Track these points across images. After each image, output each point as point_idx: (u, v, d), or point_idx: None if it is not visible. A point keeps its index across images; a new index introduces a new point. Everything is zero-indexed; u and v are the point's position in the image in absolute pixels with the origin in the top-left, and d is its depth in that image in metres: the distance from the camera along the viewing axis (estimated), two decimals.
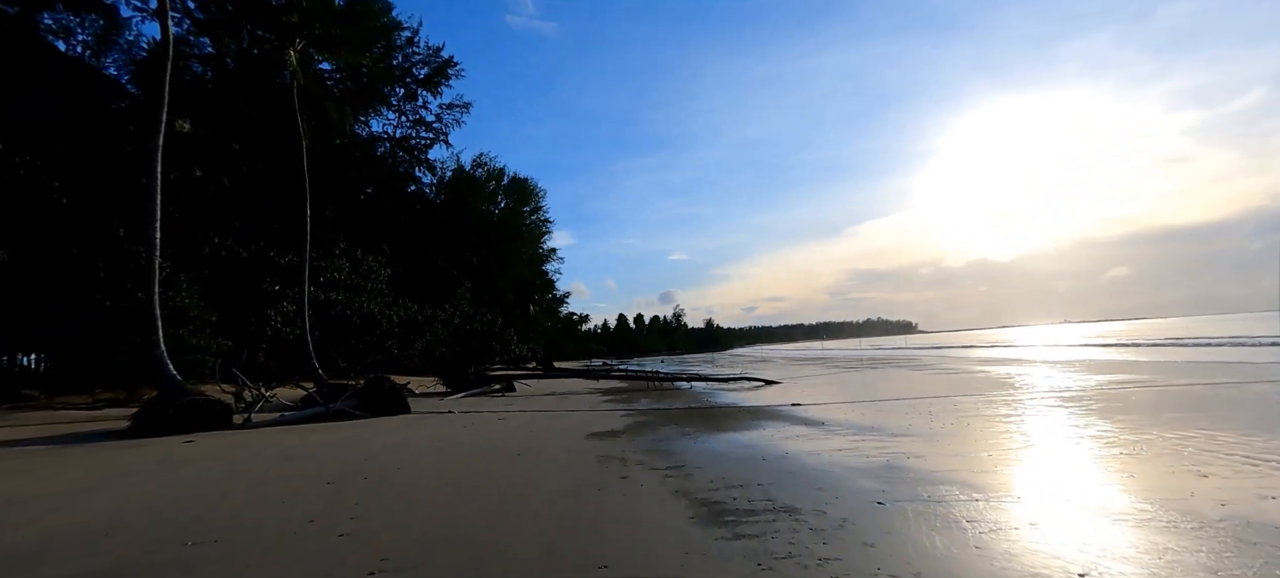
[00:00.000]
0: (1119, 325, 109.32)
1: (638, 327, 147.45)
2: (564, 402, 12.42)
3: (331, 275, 15.77)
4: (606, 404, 11.51)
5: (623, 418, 8.88)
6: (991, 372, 16.20)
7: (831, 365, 25.18)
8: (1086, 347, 31.80)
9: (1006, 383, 12.31)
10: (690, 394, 13.29)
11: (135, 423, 7.64)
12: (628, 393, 14.48)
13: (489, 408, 11.33)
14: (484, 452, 6.10)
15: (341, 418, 9.43)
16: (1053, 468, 4.54)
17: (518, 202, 44.53)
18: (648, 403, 11.44)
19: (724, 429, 7.22)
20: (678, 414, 9.15)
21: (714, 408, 9.96)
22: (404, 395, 10.19)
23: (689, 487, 4.20)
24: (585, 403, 11.93)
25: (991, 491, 3.83)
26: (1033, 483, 4.06)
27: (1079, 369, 15.44)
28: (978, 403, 9.01)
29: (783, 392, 12.77)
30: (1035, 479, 4.19)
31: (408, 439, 7.24)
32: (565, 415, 9.56)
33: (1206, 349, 23.59)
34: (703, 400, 11.51)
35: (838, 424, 7.24)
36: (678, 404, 10.87)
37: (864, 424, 7.15)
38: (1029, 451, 5.20)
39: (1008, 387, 11.45)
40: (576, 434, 7.18)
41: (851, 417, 7.95)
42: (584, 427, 7.91)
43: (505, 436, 7.36)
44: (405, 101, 27.32)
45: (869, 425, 7.03)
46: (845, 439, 6.07)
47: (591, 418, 9.04)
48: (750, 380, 15.94)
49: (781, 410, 8.99)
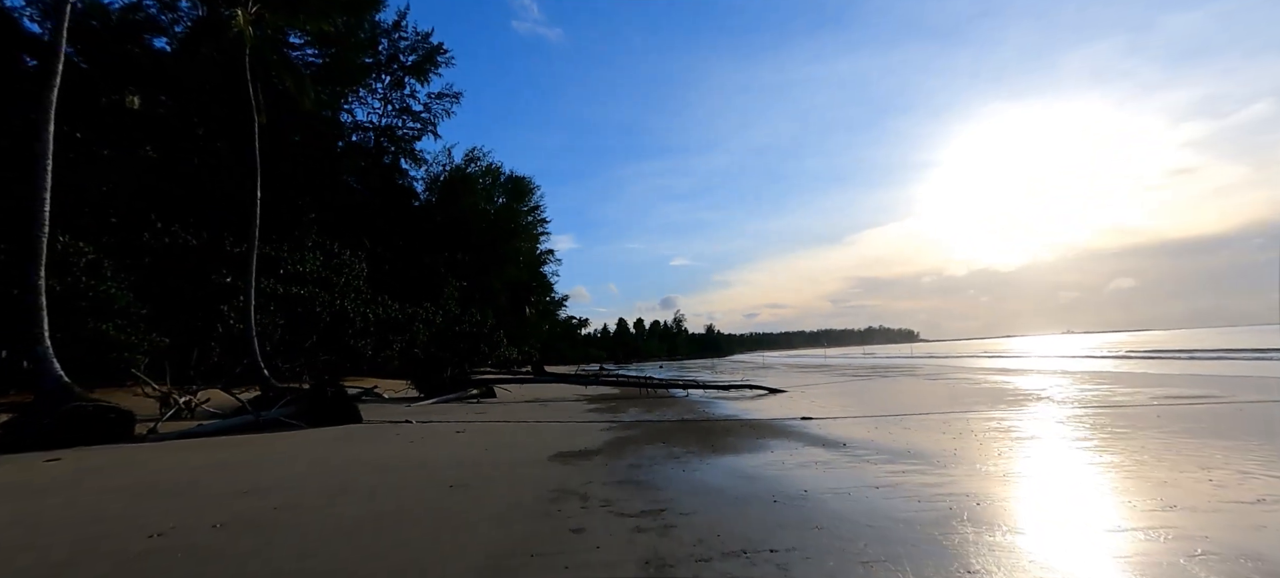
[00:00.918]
0: (1122, 337, 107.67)
1: (638, 332, 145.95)
2: (543, 410, 11.03)
3: (295, 267, 14.45)
4: (589, 413, 10.14)
5: (603, 432, 7.50)
6: (1013, 383, 14.79)
7: (837, 374, 23.77)
8: (1092, 358, 30.34)
9: (1032, 396, 10.91)
10: (685, 404, 11.91)
11: (1, 435, 6.28)
12: (617, 401, 13.09)
13: (455, 417, 9.95)
14: (414, 482, 4.72)
15: (275, 428, 8.06)
16: (1175, 508, 3.15)
17: (513, 200, 43.31)
18: (636, 413, 10.07)
19: (722, 451, 5.83)
20: (668, 429, 7.77)
21: (711, 421, 8.57)
22: (353, 403, 8.82)
23: (667, 550, 2.83)
24: (566, 412, 10.55)
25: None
26: (1173, 548, 2.67)
27: (1096, 381, 14.03)
28: (1011, 419, 7.61)
29: (789, 402, 11.39)
30: (1173, 539, 2.81)
31: (334, 460, 5.87)
32: (537, 428, 8.18)
33: (1242, 362, 22.14)
34: (699, 412, 10.12)
35: (862, 446, 5.86)
36: (670, 415, 9.49)
37: (894, 447, 5.76)
38: (1126, 494, 3.82)
39: (1034, 399, 10.05)
40: (540, 455, 5.81)
41: (875, 436, 6.57)
42: (553, 444, 6.54)
43: (452, 456, 5.98)
44: (391, 90, 26.08)
45: (902, 448, 5.65)
46: (879, 469, 4.69)
47: (567, 432, 7.67)
48: (753, 389, 14.55)
49: (791, 426, 7.61)
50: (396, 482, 4.67)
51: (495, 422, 9.08)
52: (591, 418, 9.39)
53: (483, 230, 33.90)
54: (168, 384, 9.02)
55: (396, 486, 4.55)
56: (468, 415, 10.24)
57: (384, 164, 26.32)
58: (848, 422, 7.93)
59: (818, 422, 7.99)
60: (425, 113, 27.70)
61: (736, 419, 8.75)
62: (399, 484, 4.59)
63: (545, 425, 8.47)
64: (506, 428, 8.25)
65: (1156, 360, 24.90)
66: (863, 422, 7.87)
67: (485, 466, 5.31)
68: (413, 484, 4.59)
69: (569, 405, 12.10)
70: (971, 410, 8.77)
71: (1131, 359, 26.98)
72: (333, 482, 4.69)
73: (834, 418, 8.38)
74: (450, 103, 28.19)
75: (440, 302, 26.34)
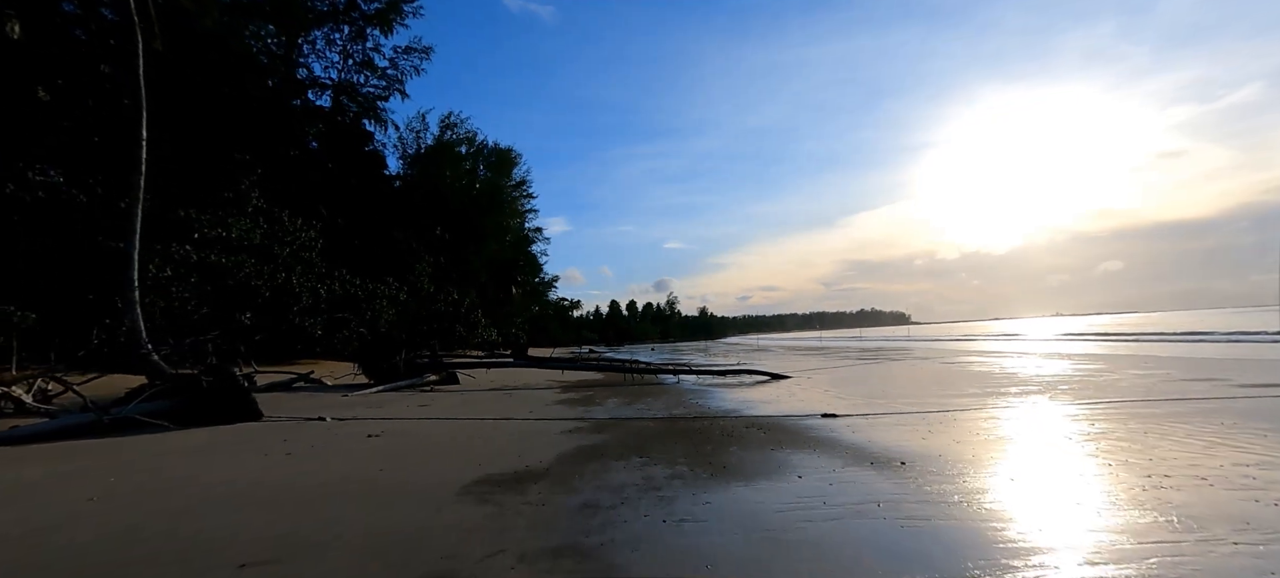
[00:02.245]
0: (1110, 319, 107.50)
1: (630, 314, 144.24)
2: (502, 402, 9.14)
3: (216, 232, 12.32)
4: (557, 406, 8.26)
5: (563, 436, 5.63)
6: (1046, 369, 13.09)
7: (839, 357, 22.10)
8: (1074, 340, 28.94)
9: (1083, 384, 9.16)
10: (675, 393, 10.07)
11: None
12: (595, 389, 11.23)
13: (390, 412, 8.04)
14: (210, 541, 2.82)
15: (134, 428, 6.12)
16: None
17: (496, 172, 40.92)
18: (614, 405, 8.20)
19: (727, 475, 3.98)
20: (650, 433, 5.91)
21: (707, 419, 6.72)
22: (246, 396, 6.87)
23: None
24: (530, 404, 8.66)
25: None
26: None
27: (1117, 363, 12.38)
28: (1066, 412, 5.82)
29: (796, 391, 9.59)
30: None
31: (145, 490, 3.96)
32: (479, 430, 6.28)
33: (1250, 345, 20.69)
34: (691, 405, 8.27)
35: (925, 462, 4.03)
36: (655, 409, 7.64)
37: (976, 465, 3.93)
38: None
39: (1089, 389, 8.29)
40: (455, 479, 3.92)
41: (930, 443, 4.75)
42: (485, 459, 4.66)
43: (322, 482, 4.08)
44: (351, 42, 23.52)
45: (990, 468, 3.82)
46: (988, 509, 2.84)
47: (515, 436, 5.78)
48: (752, 374, 12.76)
49: (813, 428, 5.77)
50: (186, 542, 2.76)
51: (432, 420, 7.17)
52: (555, 414, 7.51)
53: (460, 203, 31.65)
54: (11, 370, 7.01)
55: (189, 541, 2.63)
56: (407, 410, 8.33)
57: (344, 125, 23.86)
58: (880, 421, 6.11)
59: (844, 421, 6.17)
60: (391, 70, 25.17)
61: (739, 417, 6.90)
62: (190, 541, 2.67)
63: (493, 426, 6.58)
64: (441, 431, 6.34)
65: (1168, 344, 23.48)
66: (898, 421, 6.06)
67: (356, 503, 3.41)
68: (210, 542, 2.67)
69: (537, 395, 10.22)
70: (1012, 399, 7.00)
71: (1134, 341, 25.60)
72: (110, 531, 2.77)
73: (862, 416, 6.56)
74: (419, 59, 25.68)
75: (414, 278, 24.28)
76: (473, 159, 37.96)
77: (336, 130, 23.80)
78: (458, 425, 6.60)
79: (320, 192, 20.61)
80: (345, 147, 23.23)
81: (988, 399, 7.58)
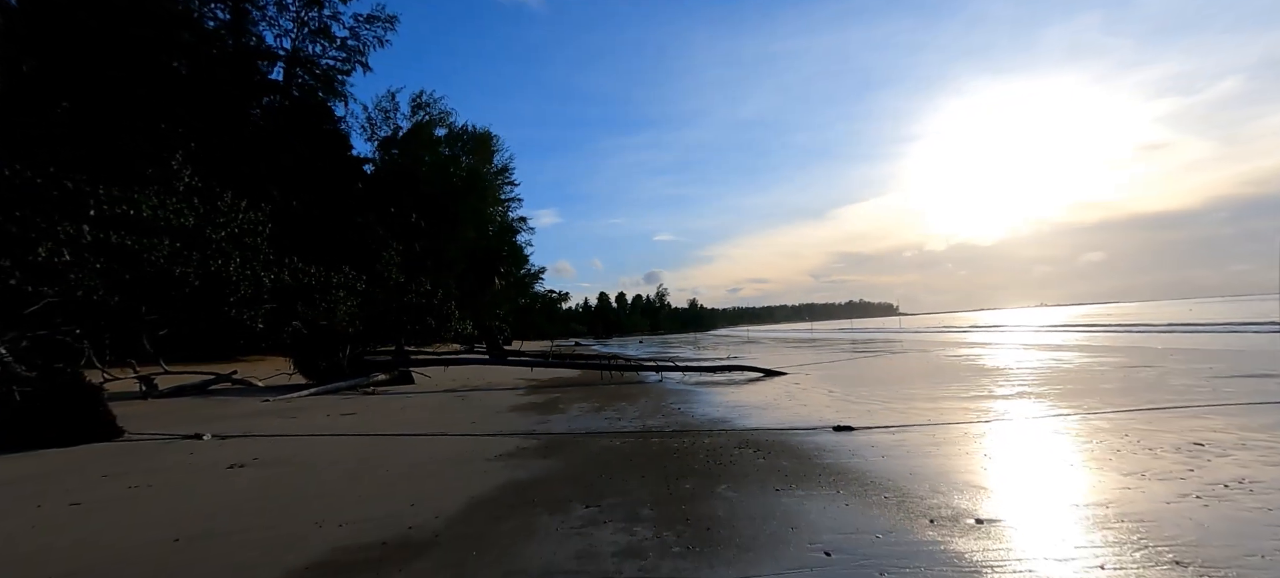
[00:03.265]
0: (1093, 309, 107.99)
1: (620, 306, 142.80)
2: (447, 410, 7.66)
3: (120, 210, 10.56)
4: (509, 415, 6.79)
5: (496, 463, 4.18)
6: (1065, 362, 11.89)
7: (834, 350, 20.90)
8: (1058, 330, 28.13)
9: (1109, 378, 7.91)
10: (655, 394, 8.65)
11: None
12: (566, 389, 9.79)
13: (293, 426, 6.53)
14: None
15: None
16: None
17: (476, 157, 39.02)
18: (578, 413, 6.76)
19: (709, 543, 2.56)
20: (615, 454, 4.48)
21: (689, 434, 5.30)
22: (97, 408, 5.32)
23: None
24: (479, 412, 7.19)
25: None
26: None
27: (1131, 355, 11.22)
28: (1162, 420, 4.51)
29: (795, 390, 8.22)
30: None
31: None
32: (388, 453, 4.81)
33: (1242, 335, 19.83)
34: (671, 411, 6.86)
35: (1010, 516, 2.64)
36: (629, 417, 6.22)
37: (1091, 509, 2.55)
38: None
39: (1129, 387, 7.04)
40: (279, 561, 2.46)
41: (995, 473, 3.38)
42: (358, 509, 3.20)
43: (68, 576, 2.59)
44: (306, 8, 21.52)
45: (1125, 527, 2.43)
46: None
47: (429, 464, 4.32)
48: (744, 371, 11.39)
49: (823, 445, 4.38)
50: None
51: (341, 436, 5.67)
52: (501, 426, 6.04)
53: (436, 188, 29.84)
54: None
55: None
56: (319, 422, 6.82)
57: (301, 100, 21.94)
58: (910, 436, 4.75)
59: (863, 435, 4.80)
60: (352, 40, 23.19)
61: (730, 429, 5.50)
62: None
63: (412, 446, 5.10)
64: (336, 456, 4.85)
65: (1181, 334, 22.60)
66: (930, 435, 4.70)
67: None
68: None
69: (495, 399, 8.75)
70: (1055, 401, 5.69)
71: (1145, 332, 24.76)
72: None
73: (883, 428, 5.19)
74: (383, 28, 23.75)
75: (378, 267, 22.56)
76: (451, 143, 36.07)
77: (294, 107, 21.88)
78: (369, 446, 5.12)
79: (273, 172, 18.77)
80: (303, 124, 21.32)
81: (1023, 401, 6.26)
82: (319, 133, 22.22)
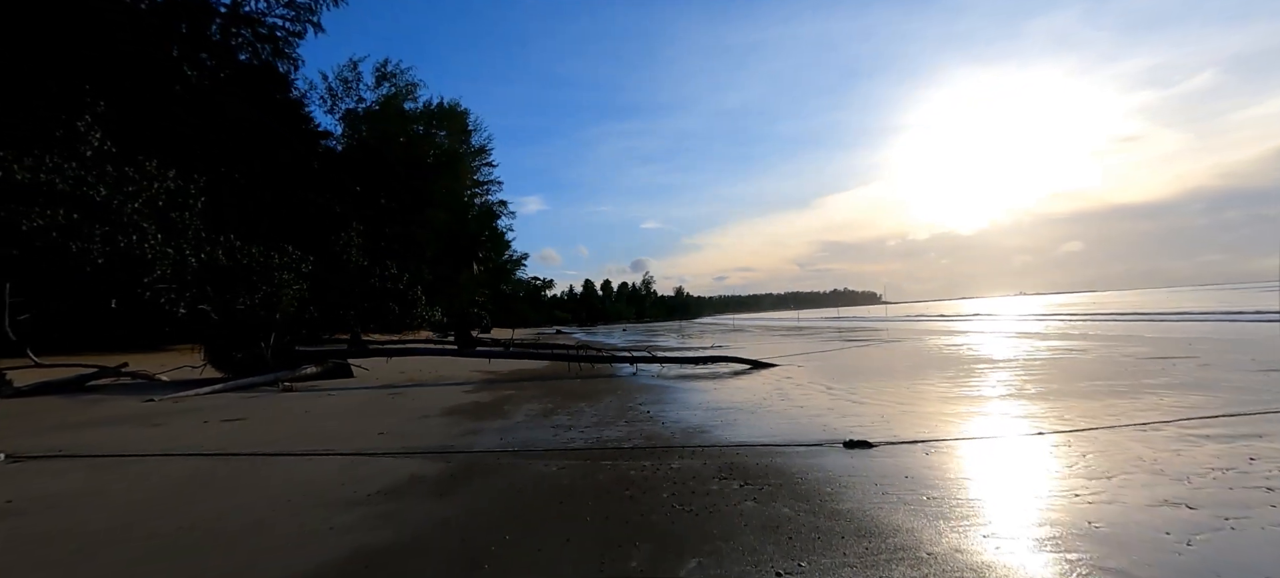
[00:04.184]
0: (1071, 298, 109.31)
1: (605, 294, 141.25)
2: (364, 414, 6.25)
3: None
4: (434, 422, 5.41)
5: (357, 513, 2.82)
6: (1085, 350, 10.87)
7: (822, 338, 19.85)
8: (1042, 318, 27.58)
9: (1123, 372, 6.83)
10: (626, 390, 7.34)
11: None
12: (522, 385, 8.44)
13: (144, 441, 5.10)
14: None
15: None
16: None
17: (452, 136, 37.01)
18: (522, 419, 5.41)
19: None
20: (543, 492, 3.15)
21: (655, 452, 3.99)
22: None
23: None
24: (397, 417, 5.80)
25: None
26: None
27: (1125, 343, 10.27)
28: None
29: (786, 385, 6.98)
30: None
31: None
32: (228, 481, 3.43)
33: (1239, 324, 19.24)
34: (639, 415, 5.54)
35: None
36: (583, 425, 4.90)
37: None
38: None
39: (1162, 380, 5.94)
40: None
41: (1079, 518, 2.10)
42: None
43: None
44: None
45: None
46: None
47: (278, 501, 2.95)
48: (729, 362, 10.15)
49: (836, 475, 3.10)
50: None
51: (178, 457, 4.24)
52: (407, 444, 4.67)
53: (405, 166, 27.95)
54: None
55: None
56: (196, 429, 5.38)
57: (247, 65, 19.90)
58: (948, 456, 3.52)
59: (888, 456, 3.55)
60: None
61: (711, 445, 4.21)
62: None
63: (269, 473, 3.72)
64: (154, 486, 3.45)
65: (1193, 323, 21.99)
66: (969, 451, 3.47)
67: None
68: None
69: (432, 397, 7.36)
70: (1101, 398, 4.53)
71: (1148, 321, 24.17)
72: None
73: (908, 444, 3.95)
74: None
75: (337, 249, 20.84)
76: (426, 120, 34.03)
77: (242, 72, 19.84)
78: (207, 471, 3.72)
79: (212, 140, 16.85)
80: (252, 91, 19.30)
81: (1067, 401, 5.08)
82: (270, 102, 20.19)
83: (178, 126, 15.80)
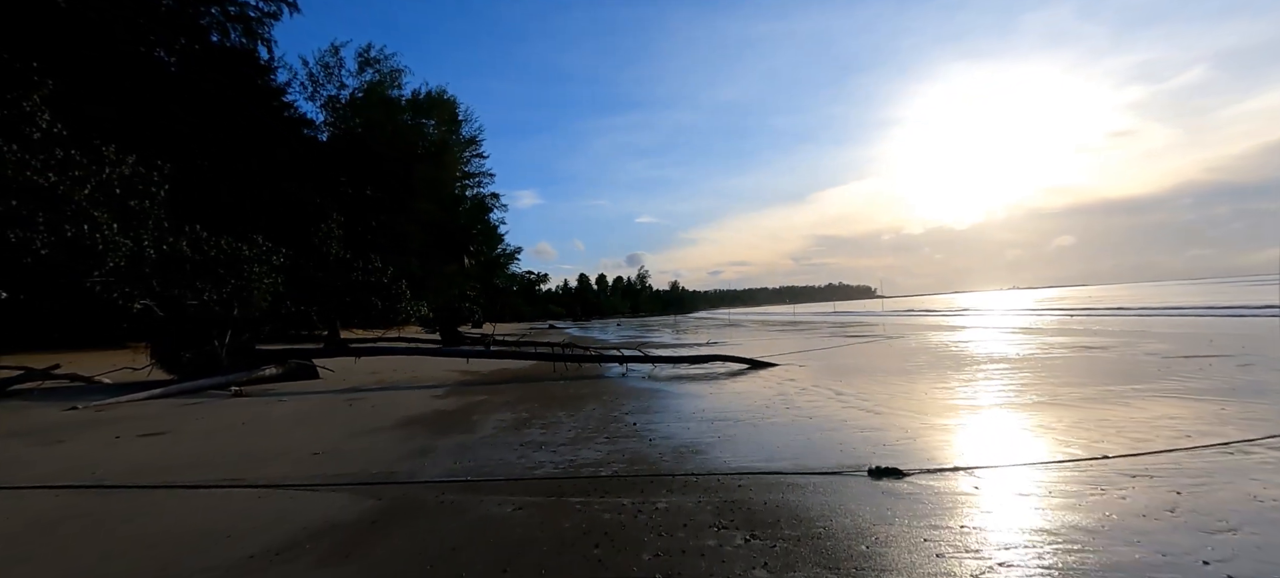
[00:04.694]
0: (1064, 292, 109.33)
1: (600, 288, 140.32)
2: (307, 424, 5.48)
3: None
4: (387, 435, 4.65)
5: (264, 570, 2.08)
6: (1104, 345, 10.24)
7: (821, 333, 19.22)
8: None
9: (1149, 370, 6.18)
10: (611, 396, 6.60)
11: None
12: (497, 389, 7.68)
13: (38, 461, 4.30)
14: None
15: None
16: None
17: (441, 125, 35.96)
18: (489, 433, 4.66)
19: None
20: (484, 557, 2.40)
21: (634, 483, 3.26)
22: None
23: None
24: (349, 429, 5.03)
25: None
26: None
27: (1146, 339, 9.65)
28: None
29: (792, 391, 6.27)
30: None
31: None
32: (78, 529, 2.65)
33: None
34: (620, 430, 4.81)
35: None
36: (556, 444, 4.16)
37: None
38: None
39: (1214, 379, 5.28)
40: None
41: None
42: None
43: None
44: None
45: None
46: None
47: (110, 570, 2.18)
48: (725, 361, 9.44)
49: (865, 522, 2.38)
50: None
51: (36, 493, 3.47)
52: (337, 471, 3.91)
53: (392, 156, 26.96)
54: None
55: None
56: (104, 444, 4.60)
57: (216, 44, 18.87)
58: (986, 483, 2.80)
59: (922, 487, 2.83)
60: None
61: (706, 472, 3.48)
62: None
63: (169, 508, 2.95)
64: None
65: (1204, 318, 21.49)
66: (1014, 480, 2.76)
67: None
68: None
69: (395, 404, 6.60)
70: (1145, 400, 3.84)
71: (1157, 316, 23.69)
72: None
73: (948, 471, 3.24)
74: None
75: (316, 241, 19.96)
76: (412, 109, 32.96)
77: (214, 55, 18.80)
78: (68, 510, 2.95)
79: (178, 126, 15.87)
80: (226, 75, 18.25)
81: (1106, 408, 4.40)
82: (246, 87, 19.12)
83: (143, 111, 14.80)
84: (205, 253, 14.12)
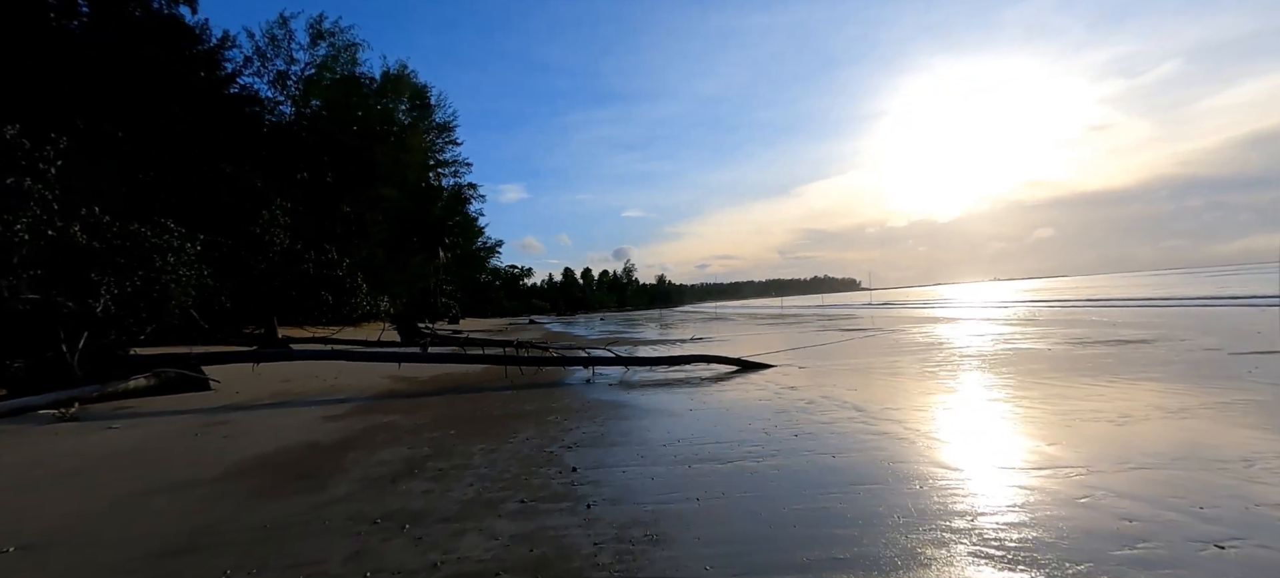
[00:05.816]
0: (1045, 283, 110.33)
1: (586, 282, 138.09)
2: (96, 475, 3.77)
3: None
4: (179, 506, 2.98)
5: None
6: (1127, 338, 8.91)
7: (812, 327, 17.85)
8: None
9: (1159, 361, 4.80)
10: (558, 417, 4.98)
11: None
12: (422, 403, 6.02)
13: None
14: None
15: None
16: None
17: (411, 109, 33.77)
18: (353, 487, 3.02)
19: None
20: None
21: None
22: None
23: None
24: (174, 472, 3.35)
25: None
26: None
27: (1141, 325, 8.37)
28: None
29: (792, 398, 4.73)
30: None
31: None
32: None
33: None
34: (552, 481, 3.20)
35: None
36: (443, 507, 2.55)
37: None
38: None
39: None
40: None
41: None
42: None
43: None
44: None
45: None
46: None
47: None
48: (712, 361, 7.87)
49: None
50: None
51: None
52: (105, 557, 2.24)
53: (345, 134, 24.84)
54: None
55: None
56: None
57: (155, 9, 16.56)
58: None
59: None
60: None
61: None
62: None
63: None
64: None
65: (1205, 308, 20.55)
66: None
67: None
68: None
69: (269, 428, 4.91)
70: None
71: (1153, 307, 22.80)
72: None
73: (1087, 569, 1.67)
74: None
75: (258, 229, 17.96)
76: (382, 93, 30.73)
77: (137, 23, 16.57)
78: None
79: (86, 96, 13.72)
80: (152, 41, 16.03)
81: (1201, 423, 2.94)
82: (182, 58, 16.84)
83: (36, 75, 12.65)
84: (108, 239, 12.15)
